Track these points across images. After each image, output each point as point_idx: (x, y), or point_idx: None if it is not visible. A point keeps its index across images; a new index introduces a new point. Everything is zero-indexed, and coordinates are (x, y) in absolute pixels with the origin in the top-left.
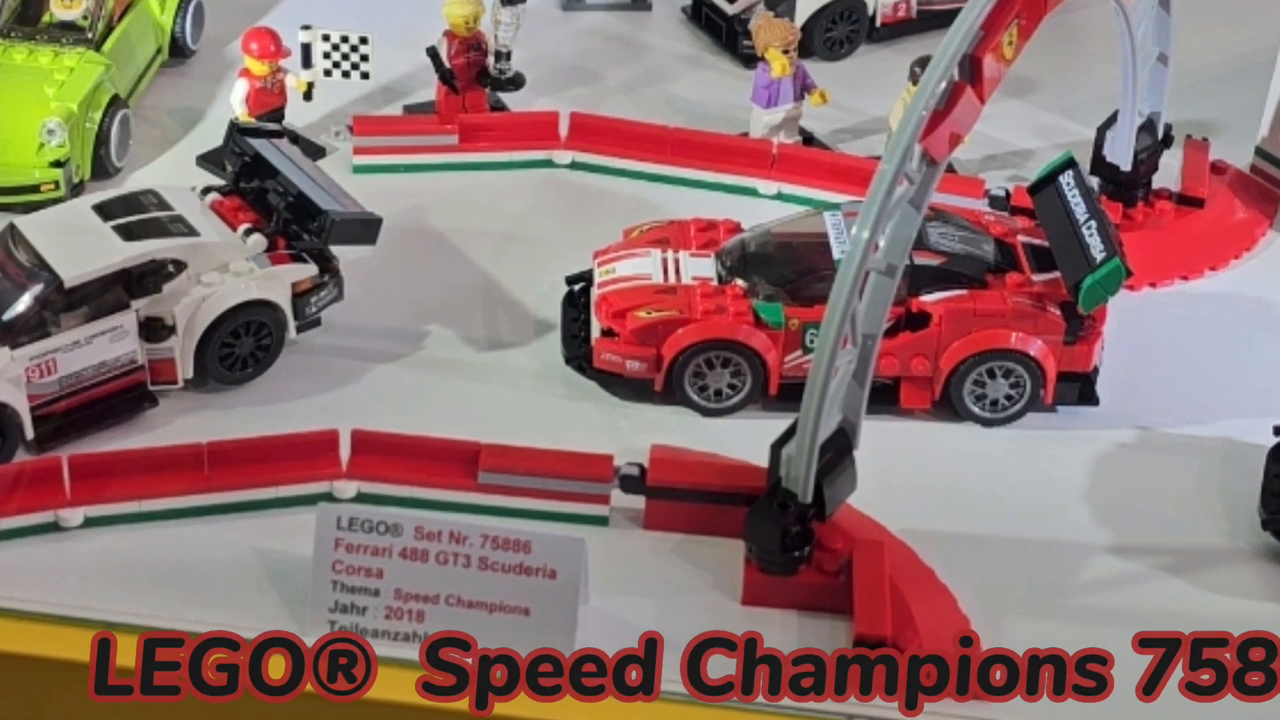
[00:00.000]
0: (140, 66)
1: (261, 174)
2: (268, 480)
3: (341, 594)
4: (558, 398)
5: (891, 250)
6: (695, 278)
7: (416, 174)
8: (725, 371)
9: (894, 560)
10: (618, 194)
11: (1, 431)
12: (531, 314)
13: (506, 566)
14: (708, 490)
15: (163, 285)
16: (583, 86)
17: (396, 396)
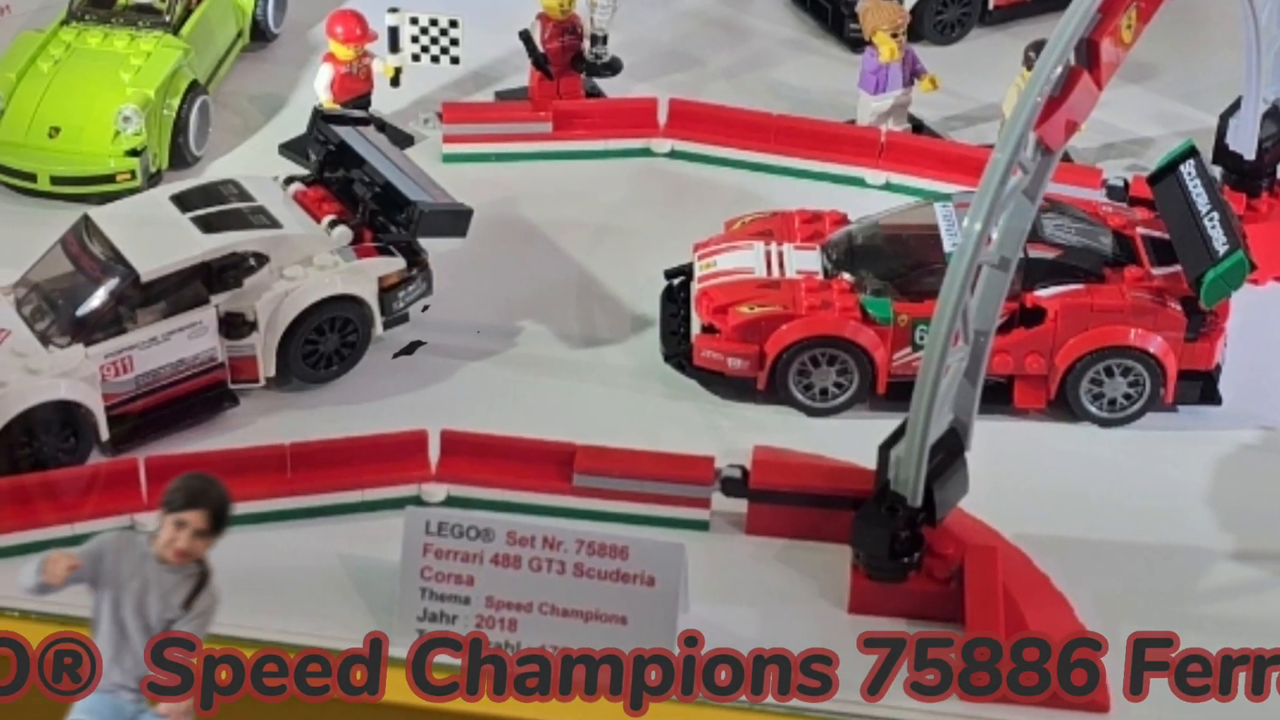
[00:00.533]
0: (220, 51)
1: (347, 163)
2: (353, 483)
3: (430, 602)
4: (656, 397)
5: (1005, 243)
6: (800, 271)
7: (508, 163)
8: (831, 369)
9: (1007, 567)
10: (719, 184)
11: (75, 432)
12: (628, 309)
13: (603, 573)
14: (813, 493)
15: (244, 279)
16: (682, 72)
17: (488, 395)
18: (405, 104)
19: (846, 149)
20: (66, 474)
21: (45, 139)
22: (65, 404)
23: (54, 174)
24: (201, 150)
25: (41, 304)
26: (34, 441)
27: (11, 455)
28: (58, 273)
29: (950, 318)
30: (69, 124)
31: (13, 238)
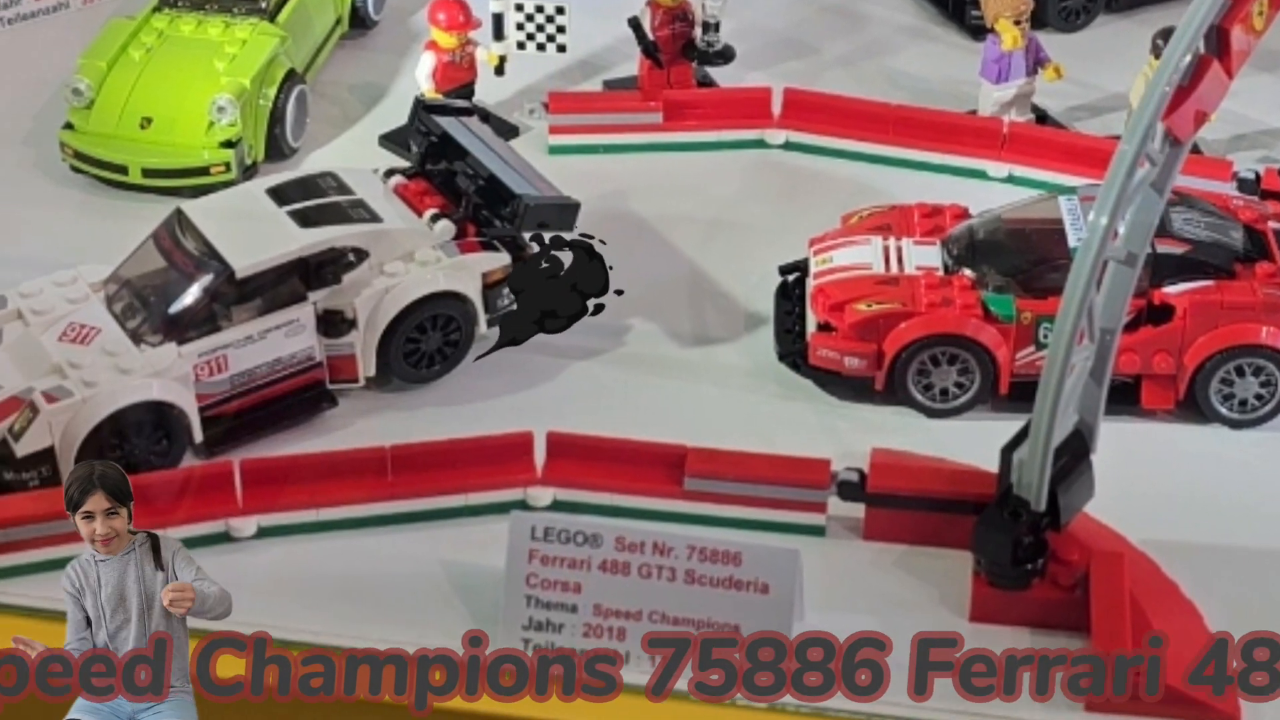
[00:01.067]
0: (318, 39)
1: (449, 155)
2: (456, 487)
3: (536, 610)
4: (770, 397)
5: (1132, 238)
6: (919, 267)
7: (617, 155)
8: (952, 369)
9: (1134, 574)
10: (835, 177)
11: (168, 434)
12: (742, 307)
13: (715, 580)
14: (933, 497)
15: (343, 276)
16: (797, 60)
17: (595, 396)
18: (510, 93)
19: (968, 140)
20: (158, 477)
21: (137, 130)
22: (157, 405)
23: (146, 166)
24: (299, 142)
25: (133, 301)
26: (125, 444)
27: (102, 458)
28: (150, 269)
29: (1075, 315)
30: (161, 114)
31: (103, 232)
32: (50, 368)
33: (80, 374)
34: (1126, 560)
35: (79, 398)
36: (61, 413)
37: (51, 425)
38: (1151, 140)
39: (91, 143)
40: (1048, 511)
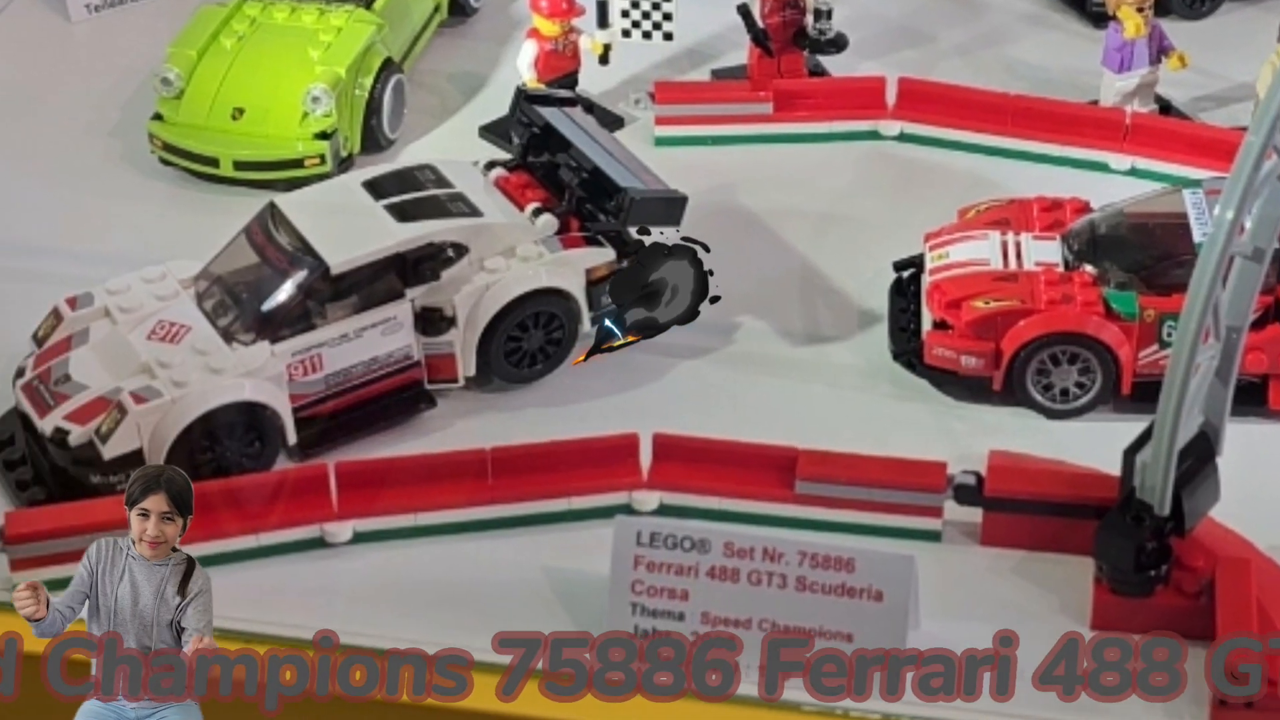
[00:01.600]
0: (416, 26)
1: (552, 147)
2: (559, 490)
3: (641, 618)
4: (884, 398)
5: (1259, 232)
6: (1039, 263)
7: (725, 147)
8: (1072, 368)
9: (1262, 580)
10: (951, 169)
11: (261, 436)
12: (854, 304)
13: (827, 587)
14: (1053, 501)
15: (441, 272)
16: (912, 49)
17: (703, 396)
18: (614, 83)
19: (1089, 131)
20: (250, 481)
21: (228, 121)
22: (250, 405)
23: (237, 158)
24: (396, 133)
25: (224, 298)
26: (216, 446)
27: (192, 460)
28: (241, 265)
29: (1200, 313)
30: (254, 105)
31: (194, 227)
32: (138, 367)
33: (170, 374)
34: (1254, 567)
35: (168, 398)
36: (150, 414)
37: (140, 427)
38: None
39: (181, 134)
40: (1172, 516)
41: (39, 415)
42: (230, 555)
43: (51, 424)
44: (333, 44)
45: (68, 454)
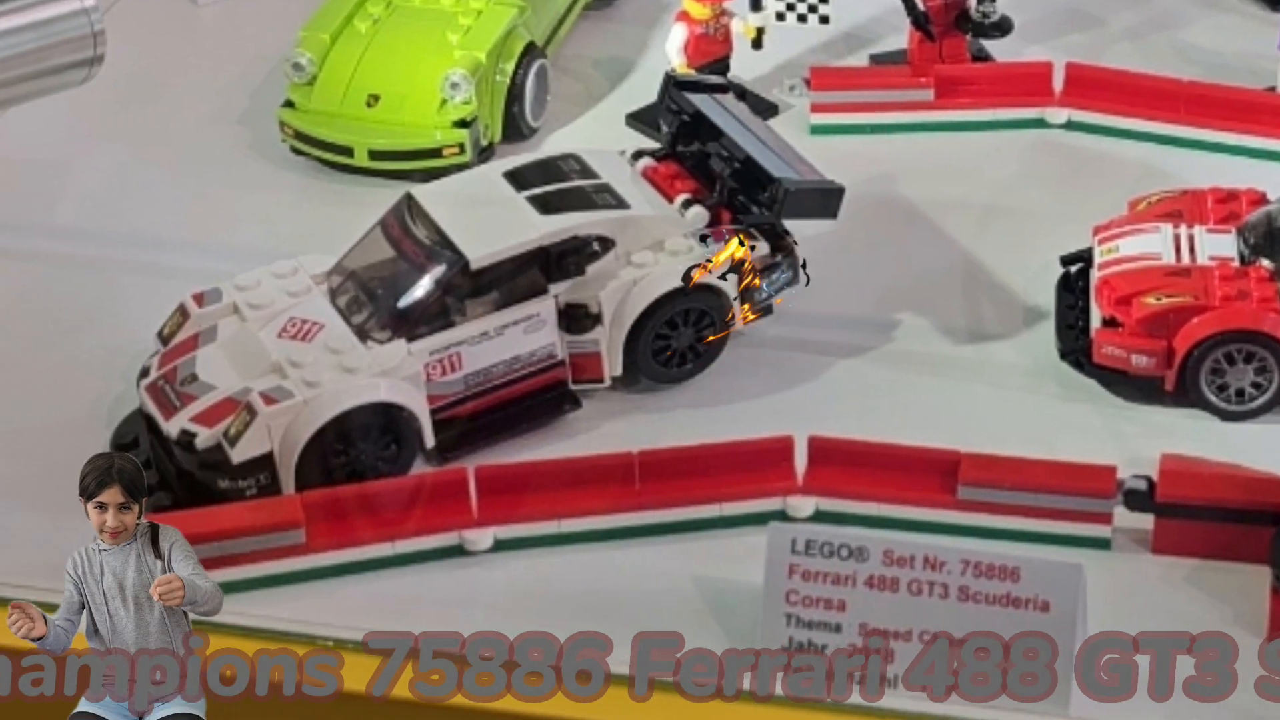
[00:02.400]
0: (560, 9)
1: (702, 136)
2: (710, 496)
3: (797, 630)
4: (1051, 398)
5: None
6: (1213, 257)
7: (884, 135)
8: (1249, 368)
9: None
10: (1122, 159)
11: (398, 439)
12: (1020, 300)
13: (991, 597)
14: (1228, 507)
15: (587, 267)
16: (1080, 33)
17: (861, 397)
18: (768, 69)
19: (1266, 119)
20: (387, 485)
21: (363, 108)
22: (386, 407)
23: (373, 148)
24: (539, 121)
25: (359, 294)
26: (351, 449)
27: (326, 464)
28: (377, 259)
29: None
30: (390, 91)
31: (328, 219)
32: (269, 366)
33: (301, 373)
34: None
35: (300, 399)
36: (281, 415)
37: (270, 429)
38: None
39: (314, 122)
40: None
41: (164, 417)
42: (366, 564)
43: (178, 426)
44: (472, 27)
45: (194, 457)
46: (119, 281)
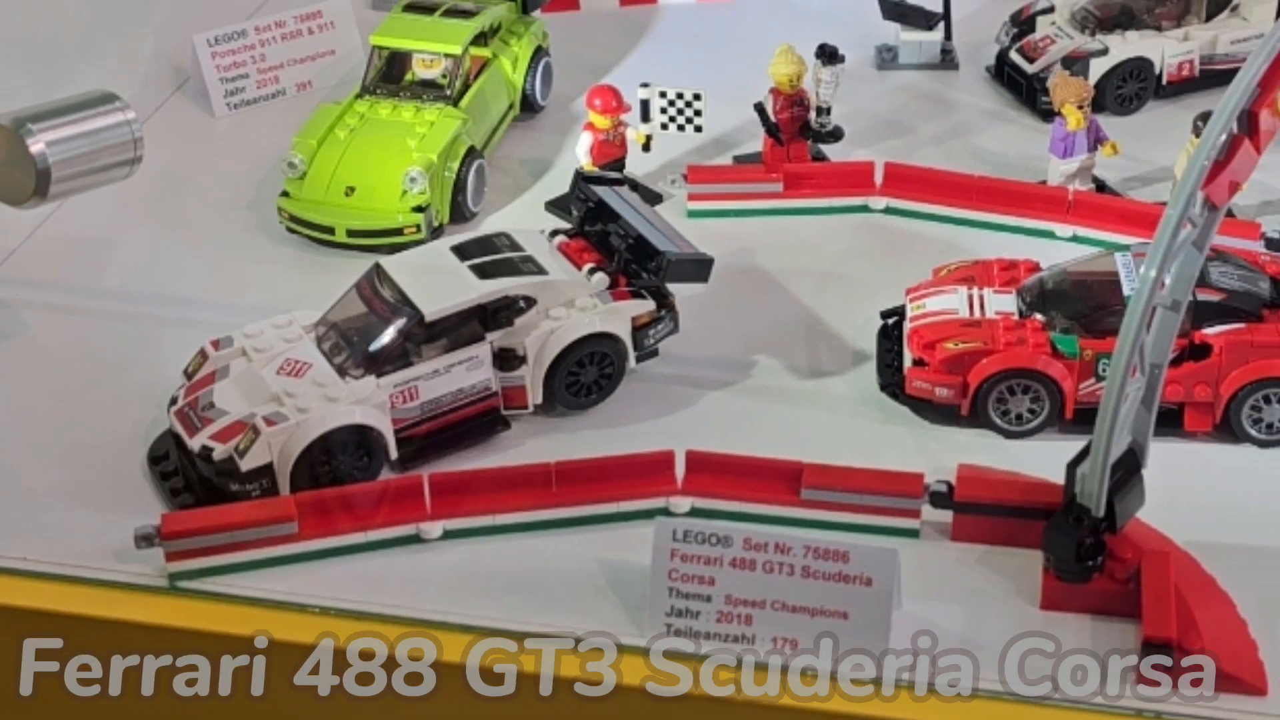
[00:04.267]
0: (494, 120)
1: (604, 218)
2: (609, 496)
3: (677, 600)
4: (873, 421)
5: (1176, 287)
6: (998, 312)
7: (745, 218)
8: (1025, 397)
9: (1179, 569)
10: (928, 236)
11: (369, 452)
12: (849, 345)
13: (826, 575)
14: (1010, 505)
15: (515, 319)
16: (896, 139)
17: (726, 420)
18: (655, 167)
19: (1038, 206)
20: (361, 489)
21: (342, 197)
22: (359, 428)
23: (349, 228)
24: (478, 207)
25: (338, 341)
26: (332, 460)
27: (313, 472)
28: (352, 314)
29: (1129, 353)
30: (363, 184)
31: (313, 284)
32: (269, 396)
33: (295, 402)
34: (1172, 558)
35: (294, 422)
36: (279, 434)
37: (270, 445)
38: (1193, 206)
39: (304, 208)
40: (1106, 517)
41: (189, 435)
42: (344, 549)
43: (199, 443)
44: (426, 135)
45: (212, 467)
46: (153, 332)
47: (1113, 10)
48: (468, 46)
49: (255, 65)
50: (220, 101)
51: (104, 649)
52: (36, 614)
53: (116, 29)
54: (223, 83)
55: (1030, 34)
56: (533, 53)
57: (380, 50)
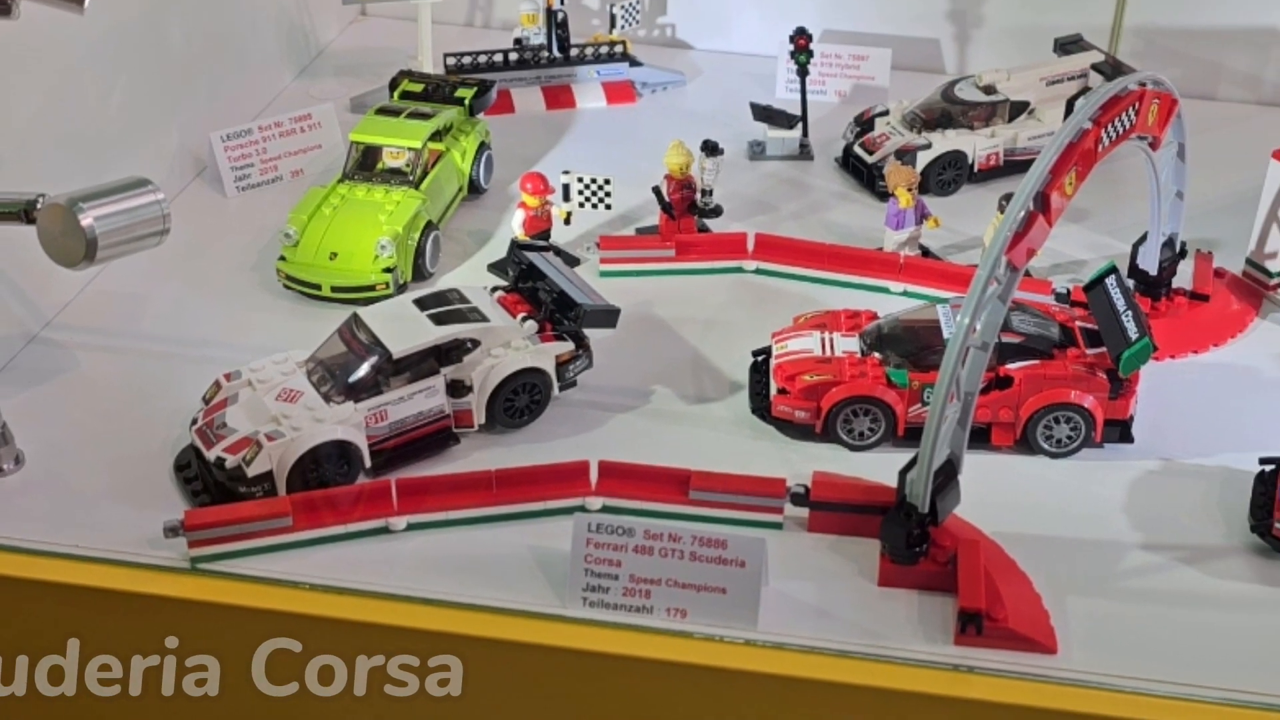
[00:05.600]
0: (447, 200)
1: (533, 278)
2: (538, 497)
3: (591, 579)
4: (746, 438)
5: (985, 332)
6: (845, 352)
7: (645, 277)
8: (866, 419)
9: (987, 554)
10: (789, 292)
11: (348, 462)
12: (727, 377)
13: (709, 558)
14: (854, 504)
15: (463, 357)
16: (764, 215)
17: (630, 437)
18: (574, 237)
19: (876, 268)
20: (343, 490)
21: (327, 261)
22: (341, 443)
23: (333, 285)
24: (434, 269)
25: (324, 374)
26: (319, 468)
27: (304, 478)
28: (335, 352)
29: (947, 383)
30: (344, 250)
31: (304, 329)
32: (270, 418)
33: (290, 422)
34: (981, 546)
35: (289, 438)
36: (277, 448)
37: (270, 456)
38: (998, 268)
39: (297, 269)
40: (929, 513)
41: (206, 448)
42: (328, 538)
43: (214, 454)
44: (394, 212)
45: (225, 474)
46: (178, 367)
47: (935, 113)
48: (426, 142)
49: (259, 157)
50: (231, 185)
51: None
52: (86, 589)
53: (149, 128)
54: (233, 170)
55: (870, 132)
56: (477, 146)
57: (357, 145)
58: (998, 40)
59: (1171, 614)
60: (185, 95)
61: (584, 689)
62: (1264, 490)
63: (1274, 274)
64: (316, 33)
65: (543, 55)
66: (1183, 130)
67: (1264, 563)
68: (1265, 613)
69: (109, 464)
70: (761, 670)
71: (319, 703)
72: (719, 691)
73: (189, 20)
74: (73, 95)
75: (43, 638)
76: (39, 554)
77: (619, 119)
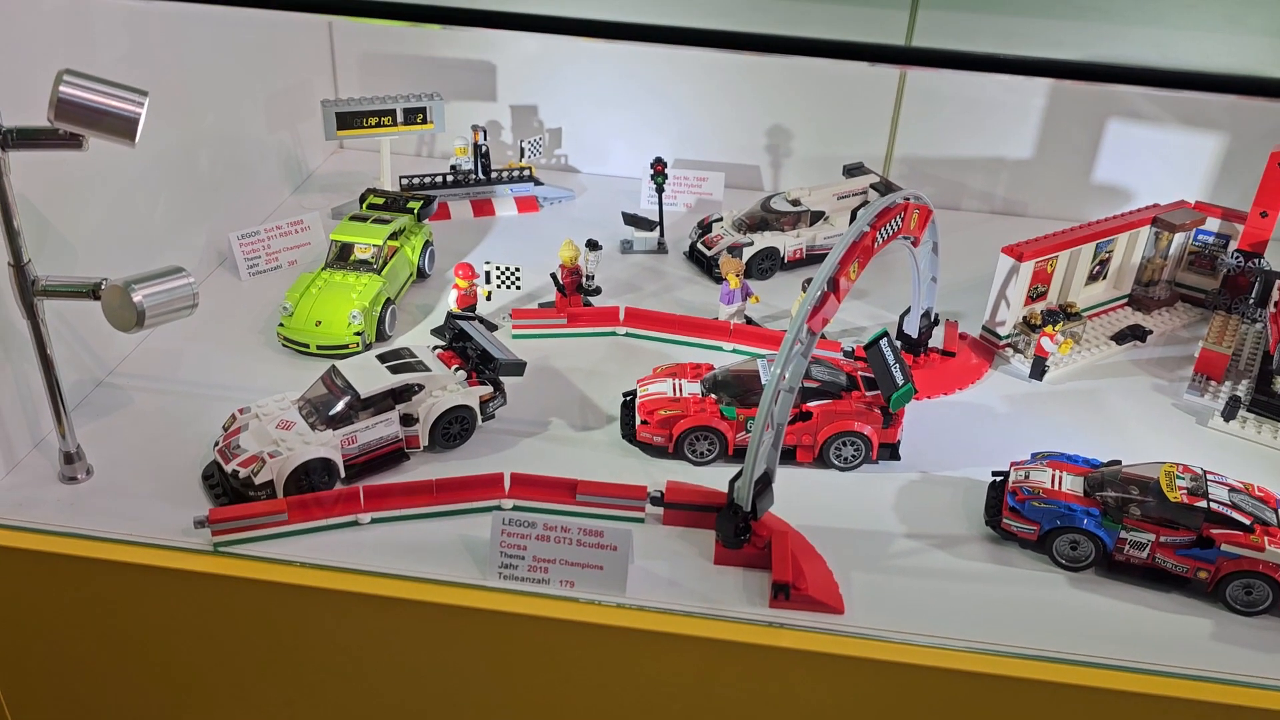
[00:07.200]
0: (401, 283)
1: (464, 339)
2: (467, 499)
3: (504, 559)
4: (619, 456)
5: (792, 379)
6: (690, 393)
7: (545, 338)
8: (705, 442)
9: (793, 541)
10: (650, 350)
11: (329, 473)
12: (605, 412)
13: (590, 544)
14: (697, 504)
15: (412, 397)
16: (631, 294)
17: (535, 455)
18: (494, 309)
19: (713, 333)
20: (326, 494)
21: (314, 327)
22: (324, 459)
23: (318, 345)
24: (392, 332)
25: (311, 409)
26: (308, 478)
27: (297, 485)
28: (319, 393)
29: (764, 416)
30: (326, 319)
31: (297, 377)
32: (271, 441)
33: (286, 444)
34: (789, 534)
35: (285, 455)
36: (277, 463)
37: (272, 469)
38: (802, 333)
39: (292, 333)
40: (751, 511)
41: (225, 463)
42: (314, 529)
43: (231, 468)
44: (362, 291)
45: (239, 482)
46: (205, 404)
47: (756, 219)
48: (386, 240)
49: (265, 250)
50: (244, 271)
51: (174, 588)
52: (135, 567)
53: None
54: (245, 260)
55: (709, 233)
56: (423, 244)
57: (336, 242)
58: (802, 166)
59: (927, 584)
60: (210, 206)
61: (500, 640)
62: (994, 494)
63: (1003, 337)
64: (307, 160)
65: (471, 177)
66: (936, 232)
67: (993, 548)
68: (994, 584)
69: (154, 474)
70: (629, 626)
71: (307, 649)
72: (599, 641)
73: (213, 151)
74: (127, 206)
75: (102, 603)
76: (104, 540)
77: (526, 224)
